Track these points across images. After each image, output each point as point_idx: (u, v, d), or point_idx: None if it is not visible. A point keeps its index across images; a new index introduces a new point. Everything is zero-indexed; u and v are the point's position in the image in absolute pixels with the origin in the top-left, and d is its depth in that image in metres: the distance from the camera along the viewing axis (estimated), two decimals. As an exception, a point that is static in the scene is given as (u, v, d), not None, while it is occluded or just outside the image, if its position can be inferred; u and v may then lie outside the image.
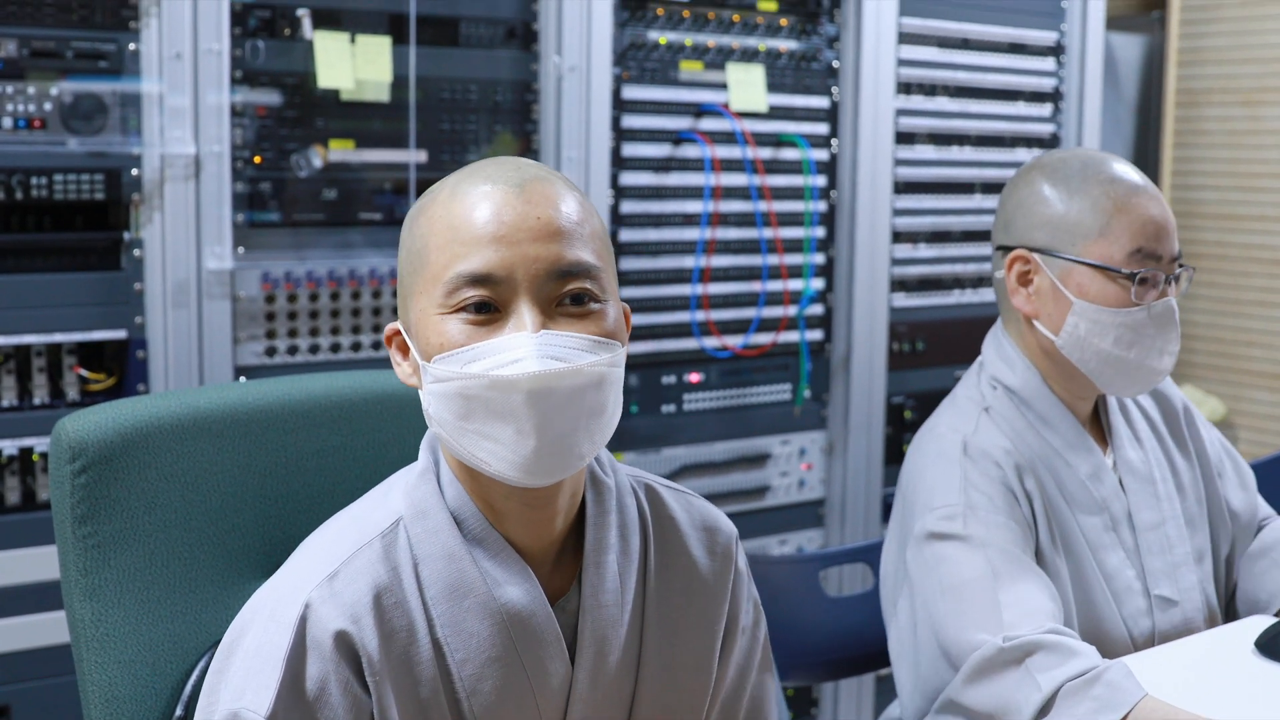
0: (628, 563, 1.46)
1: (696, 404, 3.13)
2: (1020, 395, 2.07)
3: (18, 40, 2.33)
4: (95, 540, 1.48)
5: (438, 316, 1.33)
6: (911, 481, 2.05)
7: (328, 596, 1.32)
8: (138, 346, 2.46)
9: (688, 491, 1.60)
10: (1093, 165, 2.04)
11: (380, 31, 2.66)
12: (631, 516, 1.49)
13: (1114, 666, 1.74)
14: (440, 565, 1.37)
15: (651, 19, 2.99)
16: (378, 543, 1.37)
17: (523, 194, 1.33)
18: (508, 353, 1.29)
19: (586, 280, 1.34)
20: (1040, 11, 3.60)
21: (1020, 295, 2.06)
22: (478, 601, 1.37)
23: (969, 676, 1.82)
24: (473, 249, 1.31)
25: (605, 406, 1.34)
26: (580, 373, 1.30)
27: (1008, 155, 3.59)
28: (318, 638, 1.31)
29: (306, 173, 2.61)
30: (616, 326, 1.36)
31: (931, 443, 2.06)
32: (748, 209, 3.14)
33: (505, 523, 1.40)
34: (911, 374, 3.45)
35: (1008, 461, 1.99)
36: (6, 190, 2.33)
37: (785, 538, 3.29)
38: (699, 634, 1.52)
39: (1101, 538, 2.03)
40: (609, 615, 1.43)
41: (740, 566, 1.58)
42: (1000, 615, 1.83)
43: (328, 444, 1.62)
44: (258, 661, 1.30)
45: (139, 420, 1.51)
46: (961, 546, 1.91)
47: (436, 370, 1.32)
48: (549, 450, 1.30)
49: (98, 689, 1.47)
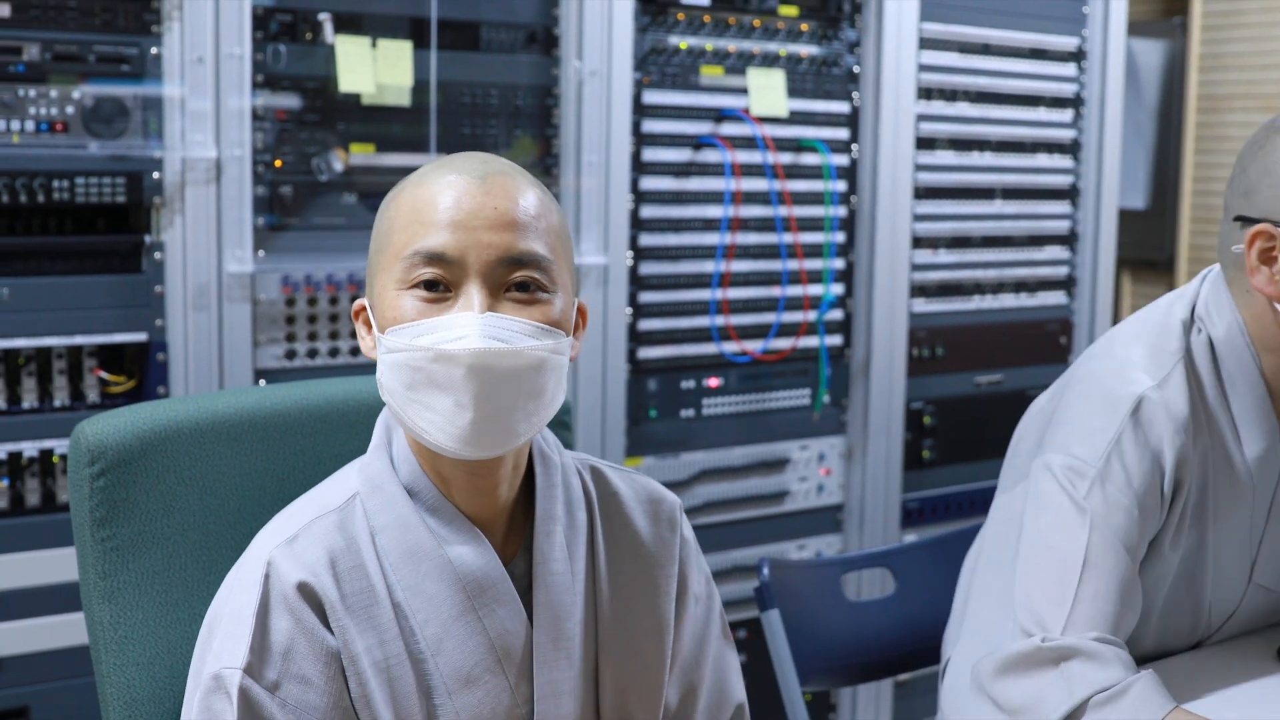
0: (574, 535, 1.54)
1: (716, 409, 3.13)
2: (1218, 349, 1.91)
3: (40, 44, 2.34)
4: (114, 543, 1.48)
5: (395, 292, 1.41)
6: (1072, 396, 1.93)
7: (287, 554, 1.40)
8: (158, 349, 2.47)
9: (631, 471, 1.66)
10: None
11: (401, 36, 2.67)
12: (576, 494, 1.56)
13: (1143, 678, 1.72)
14: (396, 533, 1.45)
15: (672, 24, 2.99)
16: (334, 515, 1.45)
17: (484, 185, 1.42)
18: (454, 329, 1.37)
19: (535, 270, 1.41)
20: (1062, 17, 3.59)
21: (1262, 275, 1.84)
22: (434, 564, 1.44)
23: (1002, 669, 1.79)
24: (431, 230, 1.40)
25: (544, 389, 1.41)
26: (519, 355, 1.38)
27: (1028, 161, 3.58)
28: (282, 590, 1.38)
29: (327, 176, 2.61)
30: (563, 317, 1.44)
31: (1111, 372, 1.91)
32: (768, 214, 3.13)
33: (454, 491, 1.47)
34: (931, 379, 3.44)
35: (1175, 441, 1.85)
36: (28, 193, 2.33)
37: (804, 543, 3.28)
38: (651, 601, 1.58)
39: (1235, 516, 1.93)
40: (560, 580, 1.50)
41: (686, 535, 1.65)
42: (1068, 607, 1.78)
43: (346, 448, 1.63)
44: (230, 625, 1.38)
45: (158, 424, 1.52)
46: (1073, 512, 1.82)
47: (389, 341, 1.40)
48: (484, 424, 1.37)
49: (116, 690, 1.47)
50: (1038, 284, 3.64)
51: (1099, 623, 1.78)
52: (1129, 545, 1.82)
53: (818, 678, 2.27)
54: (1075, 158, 3.67)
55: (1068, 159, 3.66)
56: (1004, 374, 3.56)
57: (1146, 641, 1.98)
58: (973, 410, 3.50)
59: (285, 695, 1.36)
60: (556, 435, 1.62)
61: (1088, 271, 3.71)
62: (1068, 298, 3.70)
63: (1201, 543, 1.94)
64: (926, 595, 2.33)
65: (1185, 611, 1.98)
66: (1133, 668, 1.75)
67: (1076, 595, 1.79)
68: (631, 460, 2.98)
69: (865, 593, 3.16)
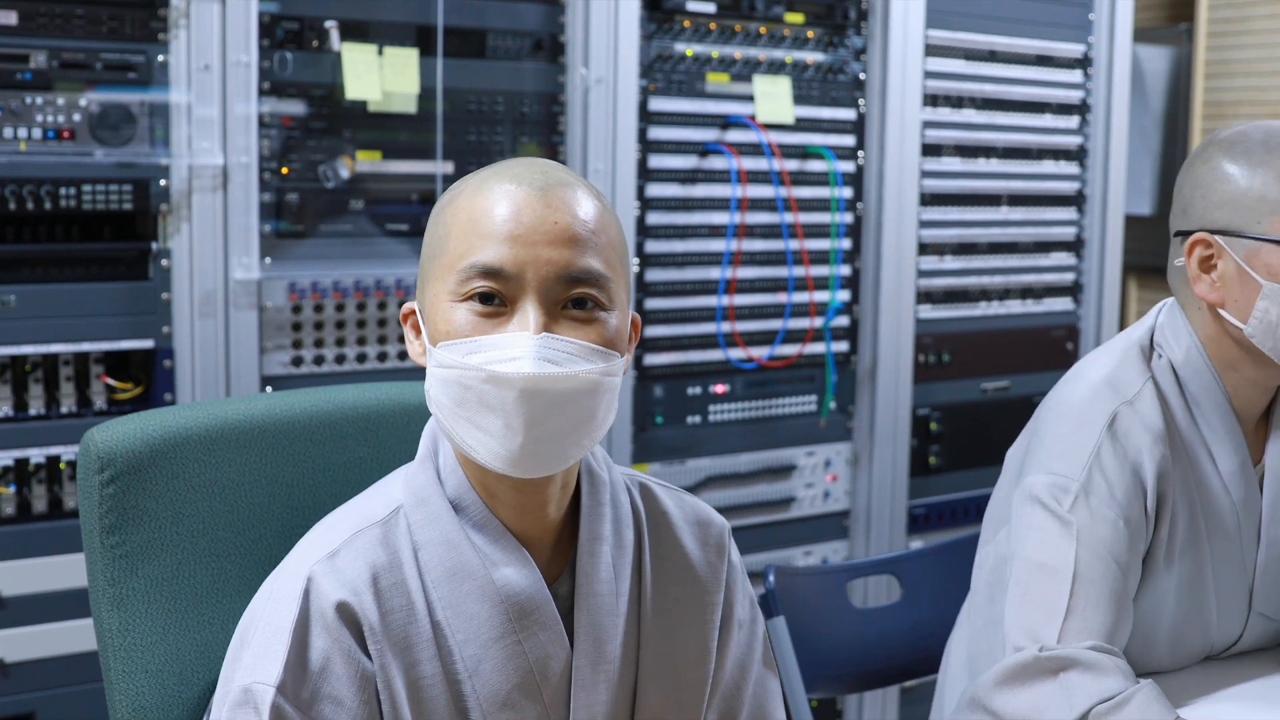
0: (621, 555, 1.50)
1: (722, 415, 3.13)
2: (1179, 373, 1.94)
3: (47, 51, 2.34)
4: (123, 550, 1.48)
5: (448, 303, 1.37)
6: (1046, 422, 1.96)
7: (329, 570, 1.37)
8: (165, 356, 2.47)
9: (680, 490, 1.63)
10: (1276, 135, 1.88)
11: (408, 43, 2.67)
12: (625, 511, 1.53)
13: (1144, 688, 1.72)
14: (440, 550, 1.41)
15: (678, 31, 2.99)
16: (377, 529, 1.42)
17: (544, 197, 1.37)
18: (507, 349, 1.33)
19: (593, 288, 1.37)
20: (1067, 24, 3.59)
21: (1204, 283, 1.90)
22: (476, 585, 1.41)
23: (1001, 680, 1.79)
24: (489, 242, 1.36)
25: (595, 413, 1.38)
26: (573, 378, 1.34)
27: (1034, 167, 3.58)
28: (321, 609, 1.35)
29: (333, 183, 2.62)
30: (617, 336, 1.40)
31: (1083, 392, 1.95)
32: (774, 221, 3.13)
33: (500, 507, 1.43)
34: (937, 386, 3.44)
35: (1154, 451, 1.88)
36: (35, 200, 2.34)
37: (810, 549, 3.28)
38: (696, 625, 1.55)
39: (1227, 542, 1.94)
40: (604, 603, 1.47)
41: (733, 560, 1.61)
42: (1061, 619, 1.79)
43: (354, 455, 1.63)
44: (265, 637, 1.35)
45: (167, 431, 1.52)
46: (1058, 529, 1.84)
47: (440, 355, 1.37)
48: (534, 448, 1.34)
49: (125, 698, 1.47)
50: (1044, 290, 3.64)
51: (1094, 632, 1.79)
52: (1117, 556, 1.83)
53: (824, 685, 2.27)
54: (1081, 164, 3.67)
55: (1074, 165, 3.66)
56: (1010, 380, 3.56)
57: (1162, 662, 1.99)
58: (979, 416, 3.50)
59: (317, 715, 1.33)
60: None
61: (1094, 277, 3.71)
62: (1074, 304, 3.70)
63: (1199, 568, 1.94)
64: (933, 602, 2.33)
65: (1195, 636, 1.98)
66: (1132, 677, 1.75)
67: (1069, 607, 1.80)
68: (638, 467, 2.98)
69: (872, 599, 3.15)
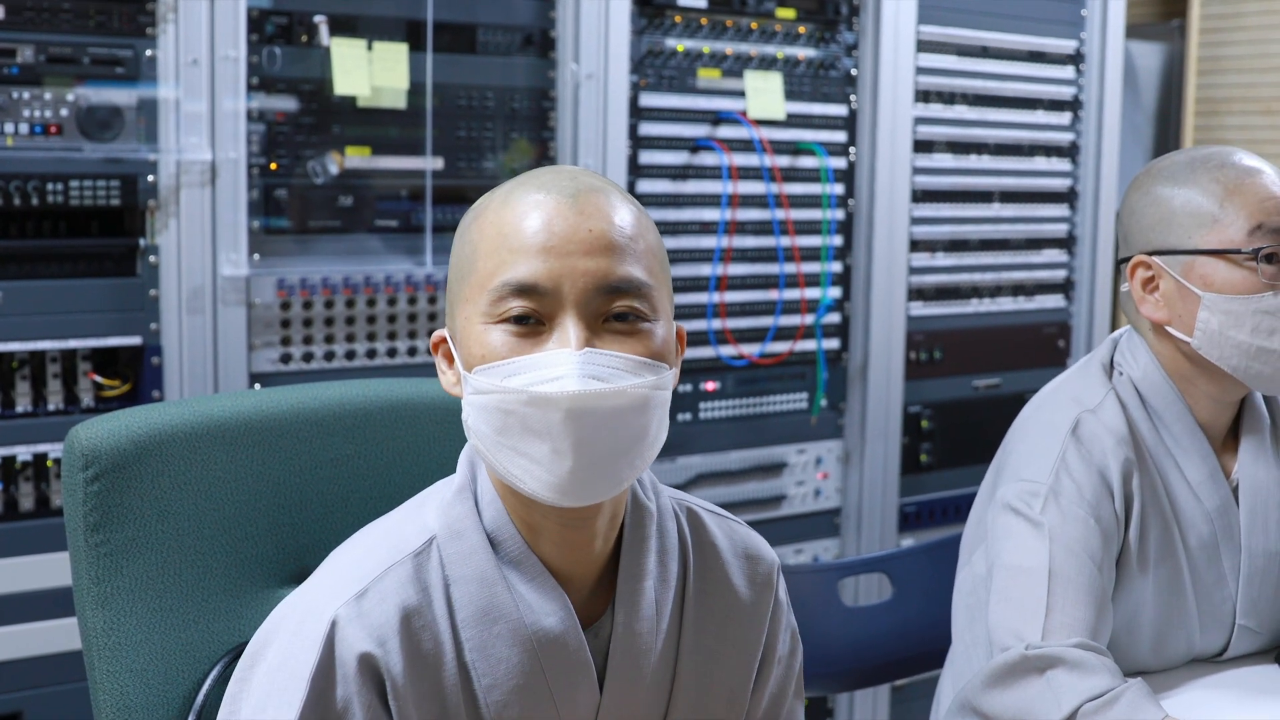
0: (665, 589, 1.43)
1: (712, 412, 3.12)
2: (1140, 388, 1.98)
3: (34, 46, 2.33)
4: (108, 548, 1.47)
5: (481, 326, 1.30)
6: (1014, 439, 2.02)
7: (355, 616, 1.29)
8: (153, 353, 2.46)
9: (731, 517, 1.56)
10: (1201, 157, 1.96)
11: (397, 38, 2.66)
12: (672, 541, 1.45)
13: (1133, 687, 1.73)
14: (473, 589, 1.34)
15: (669, 26, 2.98)
16: (409, 562, 1.33)
17: (575, 204, 1.30)
18: (549, 369, 1.25)
19: (635, 298, 1.30)
20: (1060, 20, 3.58)
21: (1149, 303, 1.96)
22: (509, 627, 1.34)
23: (989, 681, 1.81)
24: (520, 258, 1.28)
25: (647, 430, 1.30)
26: (622, 394, 1.26)
27: (1026, 164, 3.57)
28: (343, 658, 1.28)
29: (322, 179, 2.60)
30: (665, 347, 1.32)
31: (1046, 406, 2.01)
32: (765, 217, 3.13)
33: (542, 542, 1.36)
34: (929, 383, 3.43)
35: (1118, 453, 1.91)
36: (23, 196, 2.32)
37: (801, 547, 3.27)
38: (735, 663, 1.49)
39: (1204, 552, 1.97)
40: (642, 644, 1.40)
41: (780, 597, 1.55)
42: (1042, 617, 1.80)
43: (342, 453, 1.62)
44: (282, 677, 1.28)
45: (152, 428, 1.50)
46: (1031, 531, 1.87)
47: (477, 381, 1.29)
48: (586, 472, 1.26)
49: (110, 697, 1.46)
50: (1036, 287, 3.64)
51: (1076, 629, 1.80)
52: (1091, 553, 1.85)
53: (815, 683, 2.26)
54: (1073, 161, 3.67)
55: (1066, 162, 3.65)
56: (1002, 377, 3.56)
57: (1147, 662, 1.99)
58: (971, 414, 3.49)
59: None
60: None
61: (1086, 275, 3.70)
62: (1066, 301, 3.70)
63: (1176, 577, 1.95)
64: (924, 600, 2.33)
65: (1178, 643, 1.99)
66: (1119, 674, 1.76)
67: (1049, 604, 1.81)
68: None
69: (863, 598, 3.15)
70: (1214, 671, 1.99)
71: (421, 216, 2.71)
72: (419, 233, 2.71)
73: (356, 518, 1.61)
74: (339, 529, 1.59)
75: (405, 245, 2.70)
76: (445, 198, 2.73)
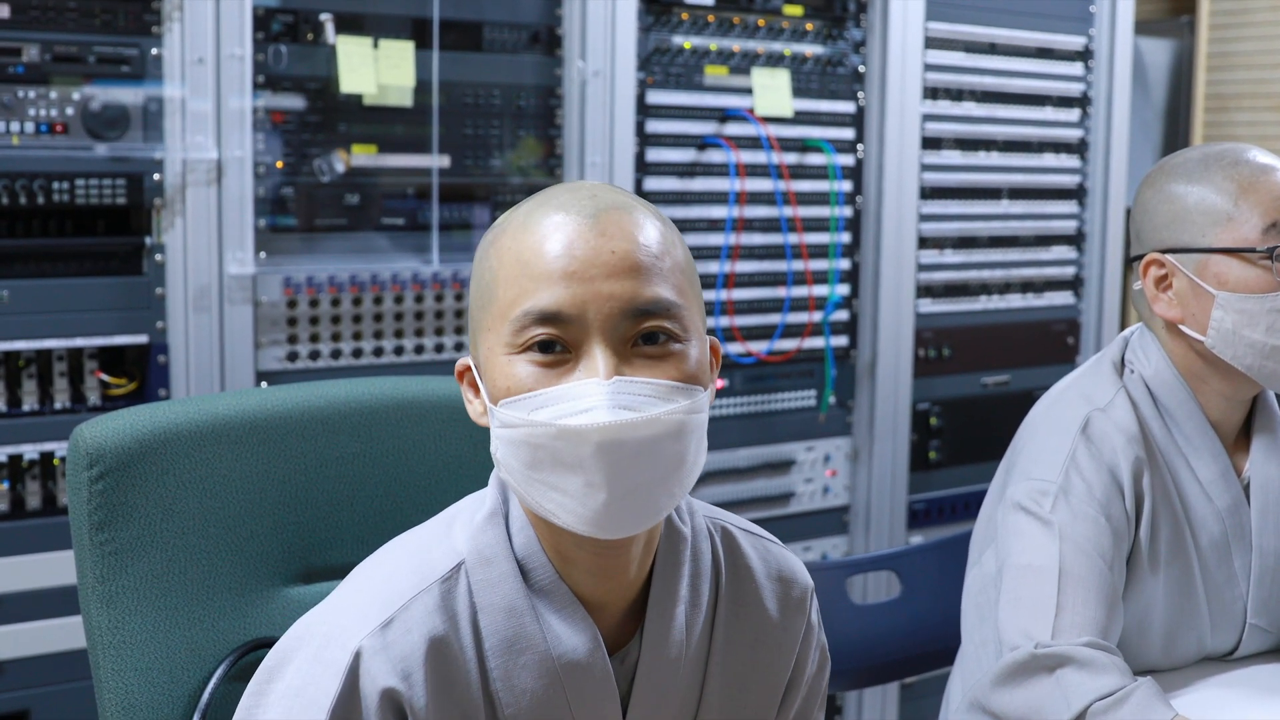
0: (696, 613, 1.39)
1: (721, 410, 3.11)
2: (1151, 386, 1.97)
3: (40, 45, 2.33)
4: (112, 547, 1.47)
5: (505, 356, 1.25)
6: (1024, 438, 2.01)
7: (380, 648, 1.25)
8: (159, 351, 2.45)
9: (766, 536, 1.52)
10: (1215, 154, 1.94)
11: (403, 36, 2.65)
12: (705, 564, 1.41)
13: (1143, 686, 1.72)
14: (500, 618, 1.30)
15: (676, 23, 2.97)
16: (436, 589, 1.29)
17: (597, 225, 1.25)
18: (577, 400, 1.21)
19: (665, 319, 1.25)
20: (1068, 16, 3.57)
21: (1162, 301, 1.95)
22: (535, 657, 1.30)
23: (999, 679, 1.80)
24: (542, 285, 1.23)
25: (685, 457, 1.26)
26: (656, 422, 1.21)
27: (1035, 160, 3.56)
28: (366, 691, 1.24)
29: (329, 178, 2.60)
30: (699, 369, 1.28)
31: (1057, 405, 2.00)
32: (773, 214, 3.12)
33: (574, 571, 1.32)
34: (937, 380, 3.42)
35: (1128, 452, 1.91)
36: (29, 195, 2.32)
37: (809, 544, 3.26)
38: (762, 687, 1.46)
39: (1215, 551, 1.96)
40: (669, 669, 1.37)
41: (813, 620, 1.51)
42: (1052, 616, 1.80)
43: (348, 451, 1.61)
44: (301, 703, 1.25)
45: (157, 427, 1.50)
46: (1041, 530, 1.87)
47: (503, 415, 1.24)
48: (621, 504, 1.22)
49: (115, 696, 1.46)
50: (1044, 284, 3.63)
51: (1086, 628, 1.80)
52: (1102, 552, 1.85)
53: (824, 681, 2.25)
54: (1082, 157, 3.66)
55: (1074, 159, 3.64)
56: (1011, 374, 3.55)
57: (1157, 661, 1.99)
58: (980, 411, 3.49)
59: None
60: None
61: (1095, 271, 3.69)
62: (1075, 298, 3.69)
63: (1187, 576, 1.95)
64: (933, 598, 2.32)
65: (1188, 642, 1.99)
66: (1128, 673, 1.76)
67: (1059, 604, 1.81)
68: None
69: (871, 595, 3.14)
70: (1224, 670, 1.98)
71: (428, 214, 2.71)
72: (425, 231, 2.71)
73: (363, 517, 1.61)
74: (345, 528, 1.59)
75: (412, 243, 2.70)
76: (452, 196, 2.73)
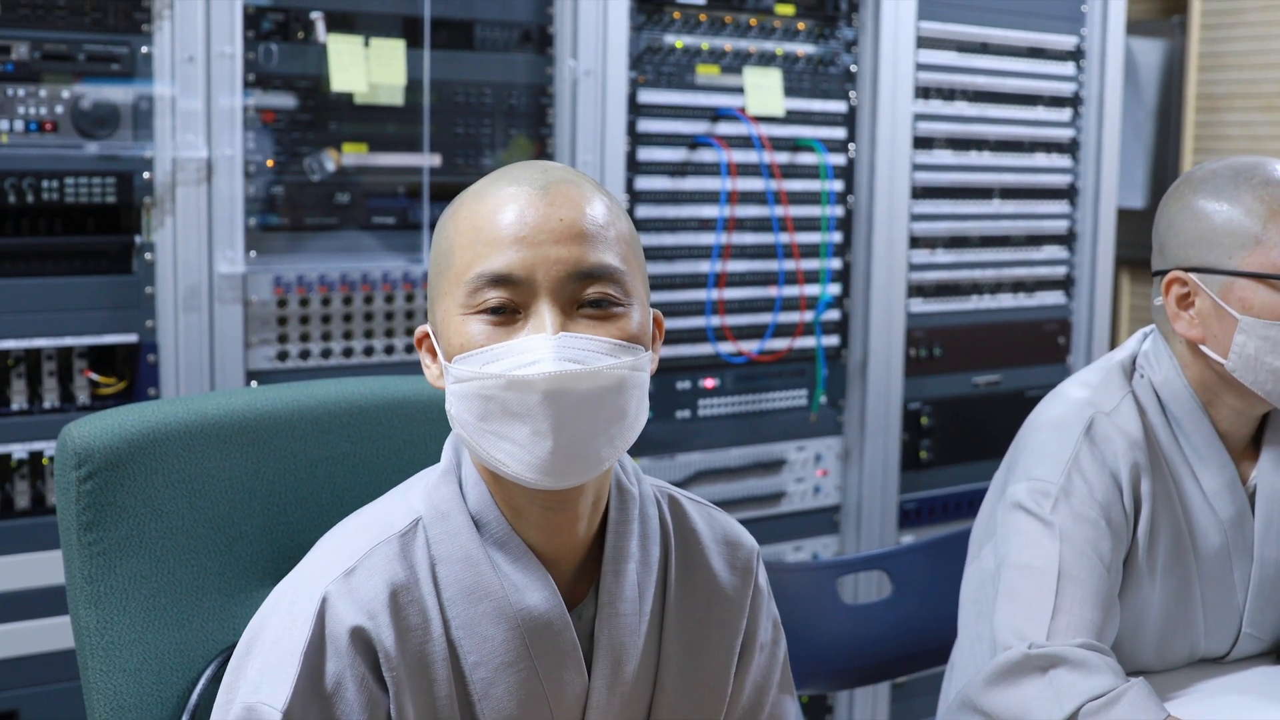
0: (647, 573, 1.46)
1: (712, 409, 3.11)
2: (1160, 393, 1.96)
3: (30, 43, 2.32)
4: (100, 547, 1.47)
5: (460, 317, 1.33)
6: (1027, 436, 2.00)
7: (345, 591, 1.33)
8: (149, 350, 2.45)
9: (710, 505, 1.58)
10: (1244, 171, 1.89)
11: (394, 35, 2.65)
12: (653, 526, 1.48)
13: (1135, 686, 1.72)
14: (458, 568, 1.37)
15: (668, 23, 2.97)
16: (395, 541, 1.37)
17: (546, 195, 1.34)
18: (526, 354, 1.29)
19: (608, 284, 1.33)
20: (1060, 16, 3.57)
21: (1183, 320, 1.91)
22: (494, 606, 1.36)
23: (991, 679, 1.81)
24: (495, 249, 1.32)
25: (626, 411, 1.33)
26: (598, 375, 1.29)
27: (1027, 160, 3.56)
28: (335, 632, 1.31)
29: (319, 176, 2.59)
30: (641, 331, 1.36)
31: (1060, 405, 1.98)
32: (764, 214, 3.12)
33: (526, 526, 1.39)
34: (929, 380, 3.42)
35: (1129, 457, 1.90)
36: (18, 193, 2.32)
37: (800, 544, 3.26)
38: (717, 647, 1.51)
39: (1215, 561, 1.95)
40: (626, 624, 1.42)
41: (760, 583, 1.57)
42: (1048, 617, 1.80)
43: (338, 450, 1.61)
44: (275, 656, 1.31)
45: (145, 426, 1.50)
46: (1041, 531, 1.87)
47: (457, 370, 1.32)
48: (566, 452, 1.29)
49: (103, 696, 1.46)
50: (1036, 284, 3.63)
51: (1082, 630, 1.80)
52: (1101, 555, 1.85)
53: (814, 681, 2.25)
54: (1074, 157, 3.66)
55: (1066, 158, 3.64)
56: (1002, 374, 3.55)
57: (1149, 663, 1.99)
58: (971, 410, 3.49)
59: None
60: None
61: (1086, 271, 3.70)
62: (1066, 297, 3.69)
63: (1185, 585, 1.95)
64: (924, 598, 2.32)
65: (1181, 646, 1.99)
66: (1121, 674, 1.76)
67: (1055, 605, 1.81)
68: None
69: (862, 596, 3.14)
70: (1217, 672, 1.98)
71: (419, 213, 2.70)
72: (416, 230, 2.71)
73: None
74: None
75: (402, 242, 2.70)
76: (443, 195, 2.72)
